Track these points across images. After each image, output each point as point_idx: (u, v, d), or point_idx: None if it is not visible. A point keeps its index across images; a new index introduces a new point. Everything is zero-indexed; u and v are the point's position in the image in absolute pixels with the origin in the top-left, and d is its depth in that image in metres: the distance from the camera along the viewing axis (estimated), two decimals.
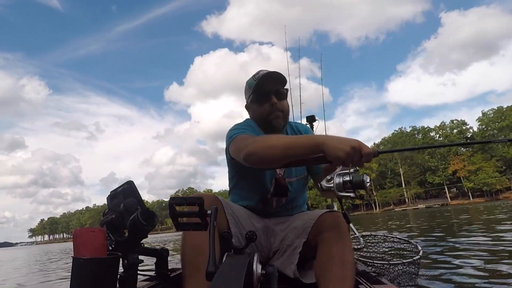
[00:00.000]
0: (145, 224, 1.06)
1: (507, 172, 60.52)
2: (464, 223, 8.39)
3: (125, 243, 1.05)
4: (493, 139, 0.98)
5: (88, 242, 1.01)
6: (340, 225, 1.06)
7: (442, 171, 63.19)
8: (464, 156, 62.74)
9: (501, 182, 58.27)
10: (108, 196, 1.15)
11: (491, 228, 6.04)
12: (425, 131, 71.51)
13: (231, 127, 1.30)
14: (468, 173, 60.10)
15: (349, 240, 1.08)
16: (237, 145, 1.14)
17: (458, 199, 63.43)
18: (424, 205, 60.42)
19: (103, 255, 1.01)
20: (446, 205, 57.92)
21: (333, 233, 1.06)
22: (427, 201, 66.25)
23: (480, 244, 4.04)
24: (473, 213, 14.02)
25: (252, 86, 1.31)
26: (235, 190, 1.40)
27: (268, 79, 1.27)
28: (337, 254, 1.02)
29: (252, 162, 1.05)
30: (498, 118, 63.23)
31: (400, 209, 58.61)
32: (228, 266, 0.69)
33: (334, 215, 1.11)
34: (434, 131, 70.99)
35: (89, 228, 1.03)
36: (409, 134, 71.81)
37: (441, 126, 70.32)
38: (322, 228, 1.09)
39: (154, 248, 1.14)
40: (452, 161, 62.75)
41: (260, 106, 1.30)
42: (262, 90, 1.28)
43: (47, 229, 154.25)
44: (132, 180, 1.13)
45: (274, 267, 0.72)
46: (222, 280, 0.65)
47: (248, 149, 1.04)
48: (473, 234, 5.31)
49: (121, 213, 1.10)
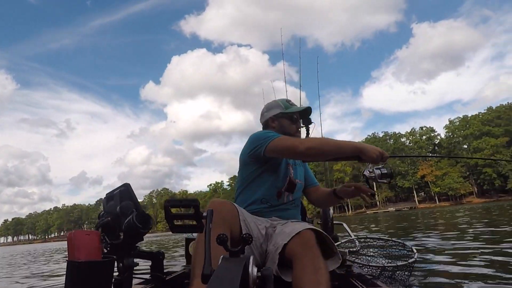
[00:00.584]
0: (140, 227, 1.06)
1: (470, 178, 63.97)
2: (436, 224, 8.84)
3: (120, 246, 1.05)
4: (498, 158, 1.08)
5: (82, 245, 1.00)
6: (307, 242, 1.17)
7: (411, 176, 65.77)
8: (432, 161, 65.75)
9: (465, 187, 61.61)
10: (104, 198, 1.14)
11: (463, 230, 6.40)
12: (396, 137, 74.37)
13: (261, 132, 1.56)
14: (435, 178, 63.02)
15: (318, 250, 1.16)
16: (286, 142, 1.42)
17: (426, 203, 66.33)
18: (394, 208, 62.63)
19: (98, 258, 1.01)
20: (414, 208, 60.39)
21: (302, 248, 1.16)
22: (397, 204, 68.72)
23: (456, 245, 4.28)
24: (440, 216, 14.76)
25: (287, 107, 1.69)
26: (251, 187, 1.55)
27: (303, 109, 1.72)
28: (307, 263, 1.11)
29: (311, 155, 1.38)
30: (463, 127, 66.84)
31: (371, 212, 60.42)
32: (223, 269, 0.69)
33: (302, 234, 1.21)
34: (405, 137, 74.00)
35: (84, 231, 1.02)
36: (382, 139, 74.31)
37: (411, 132, 73.45)
38: (293, 246, 1.19)
39: (150, 251, 1.14)
40: (420, 166, 65.57)
41: (291, 124, 1.68)
42: (296, 114, 1.70)
43: (11, 230, 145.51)
44: (128, 183, 1.13)
45: (270, 269, 0.71)
46: (218, 283, 0.65)
47: (308, 144, 1.36)
48: (453, 236, 5.58)
49: (116, 216, 1.10)
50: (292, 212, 1.57)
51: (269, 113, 1.71)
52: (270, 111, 1.71)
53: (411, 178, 65.63)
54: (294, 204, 1.60)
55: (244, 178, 1.57)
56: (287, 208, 1.56)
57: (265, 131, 1.58)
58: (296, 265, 1.14)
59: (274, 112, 1.70)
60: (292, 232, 1.23)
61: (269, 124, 1.70)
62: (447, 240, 5.03)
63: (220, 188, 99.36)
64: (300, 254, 1.15)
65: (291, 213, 1.57)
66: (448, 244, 4.41)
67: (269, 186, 1.52)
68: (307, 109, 1.75)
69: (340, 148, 1.37)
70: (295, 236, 1.21)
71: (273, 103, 1.74)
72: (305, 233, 1.21)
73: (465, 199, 62.42)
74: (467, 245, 4.18)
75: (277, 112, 1.69)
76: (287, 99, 1.76)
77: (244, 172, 1.58)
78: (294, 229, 1.25)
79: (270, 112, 1.71)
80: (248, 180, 1.55)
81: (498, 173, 59.16)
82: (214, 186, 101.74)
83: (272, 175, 1.53)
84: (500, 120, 62.39)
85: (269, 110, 1.72)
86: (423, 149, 69.14)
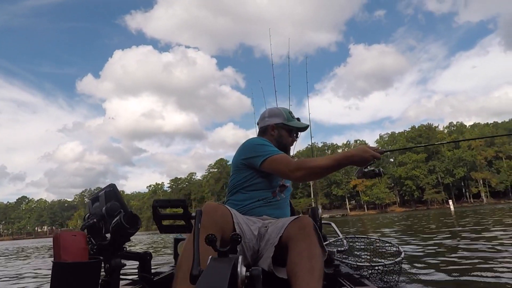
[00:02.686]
0: (128, 228, 1.06)
1: (394, 189, 70.93)
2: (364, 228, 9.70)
3: (107, 247, 1.04)
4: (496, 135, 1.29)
5: (69, 246, 0.97)
6: (305, 226, 1.21)
7: (345, 185, 70.84)
8: None
9: (390, 197, 68.19)
10: (89, 200, 1.11)
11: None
12: (334, 148, 79.51)
13: (258, 142, 1.59)
14: (365, 188, 68.63)
15: (315, 237, 1.20)
16: (280, 166, 1.47)
17: (356, 210, 71.82)
18: (328, 215, 66.40)
19: (85, 259, 0.98)
20: (346, 215, 64.92)
21: (299, 233, 1.20)
22: (331, 211, 73.05)
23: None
24: (367, 222, 16.14)
25: (289, 119, 1.73)
26: (246, 190, 1.58)
27: (303, 127, 1.76)
28: (304, 249, 1.14)
29: (301, 181, 1.48)
30: (391, 142, 74.25)
31: None
32: (212, 269, 0.69)
33: (303, 219, 1.26)
34: (341, 148, 79.35)
35: (70, 232, 0.99)
36: (320, 149, 78.85)
37: (346, 144, 79.22)
38: (291, 230, 1.23)
39: (137, 252, 1.13)
40: (353, 176, 70.88)
41: (288, 136, 1.73)
42: (295, 129, 1.75)
43: None
44: (114, 184, 1.12)
45: (259, 269, 0.72)
46: (206, 283, 0.65)
47: (298, 174, 1.42)
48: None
49: (102, 217, 1.08)
50: (283, 211, 1.62)
51: (271, 120, 1.72)
52: (272, 118, 1.72)
53: (345, 187, 70.61)
54: (286, 203, 1.66)
55: (238, 182, 1.59)
56: (280, 205, 1.60)
57: (263, 142, 1.59)
58: (292, 250, 1.15)
59: (276, 120, 1.71)
60: (286, 222, 1.25)
61: (268, 130, 1.72)
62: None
63: (160, 190, 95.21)
64: (297, 238, 1.17)
65: (283, 212, 1.61)
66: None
67: (263, 190, 1.56)
68: (306, 127, 1.78)
69: (328, 170, 1.42)
70: (293, 221, 1.24)
71: (277, 111, 1.75)
72: (303, 218, 1.25)
73: (389, 208, 68.96)
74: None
75: (279, 122, 1.71)
76: (289, 110, 1.78)
77: (238, 176, 1.61)
78: (289, 219, 1.28)
79: (273, 119, 1.72)
80: (242, 184, 1.58)
81: (417, 185, 66.68)
82: (154, 187, 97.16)
83: (265, 180, 1.58)
84: (421, 138, 70.45)
85: (271, 117, 1.73)
86: None
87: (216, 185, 78.63)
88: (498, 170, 65.32)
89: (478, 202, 63.16)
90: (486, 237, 5.15)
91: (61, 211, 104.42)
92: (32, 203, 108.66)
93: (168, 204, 0.99)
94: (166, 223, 1.02)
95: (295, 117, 1.79)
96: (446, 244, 4.75)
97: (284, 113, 1.75)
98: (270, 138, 1.69)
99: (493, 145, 66.07)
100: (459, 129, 73.98)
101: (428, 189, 65.85)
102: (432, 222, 11.70)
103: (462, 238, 5.36)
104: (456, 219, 12.27)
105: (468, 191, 67.08)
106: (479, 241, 4.72)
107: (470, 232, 6.24)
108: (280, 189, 1.63)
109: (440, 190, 66.06)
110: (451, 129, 75.05)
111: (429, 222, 11.48)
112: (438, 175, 66.66)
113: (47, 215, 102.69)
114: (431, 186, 66.16)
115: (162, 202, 0.98)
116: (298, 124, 1.75)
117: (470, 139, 5.33)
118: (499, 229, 6.44)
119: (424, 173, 66.45)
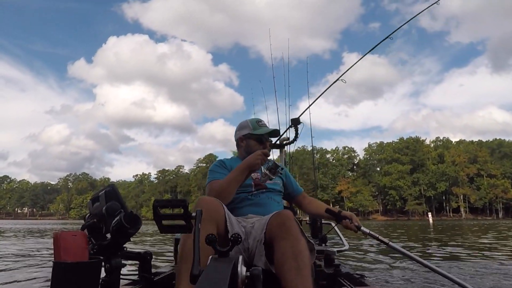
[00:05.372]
0: (128, 227, 1.07)
1: (378, 197, 72.03)
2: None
3: (107, 247, 1.05)
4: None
5: (69, 246, 0.99)
6: (284, 221, 1.22)
7: (331, 190, 71.49)
8: (350, 179, 72.48)
9: (373, 205, 69.24)
10: (89, 200, 1.12)
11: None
12: (323, 152, 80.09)
13: (211, 167, 1.71)
14: (350, 194, 69.49)
15: (297, 230, 1.18)
16: (208, 190, 1.61)
17: None
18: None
19: (85, 259, 1.00)
20: None
21: (280, 230, 1.21)
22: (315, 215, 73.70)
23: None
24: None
25: (255, 128, 1.77)
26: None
27: (269, 132, 1.78)
28: (287, 248, 1.15)
29: (218, 198, 1.43)
30: (379, 151, 75.38)
31: None
32: (212, 269, 0.70)
33: (281, 213, 1.27)
34: (329, 153, 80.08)
35: (70, 232, 1.00)
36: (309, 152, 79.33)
37: (334, 150, 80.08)
38: (272, 227, 1.25)
39: (137, 252, 1.14)
40: (339, 182, 71.67)
41: (257, 145, 1.76)
42: (264, 137, 1.77)
43: None
44: (114, 183, 1.13)
45: (259, 269, 0.72)
46: (207, 283, 0.65)
47: (212, 193, 1.50)
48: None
49: (102, 217, 1.10)
50: (267, 209, 1.57)
51: (240, 133, 1.81)
52: (240, 131, 1.81)
53: (330, 192, 71.26)
54: (270, 201, 1.64)
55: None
56: (261, 203, 1.61)
57: (213, 168, 1.71)
58: (276, 251, 1.16)
59: (244, 132, 1.79)
60: (268, 217, 1.26)
61: (239, 143, 1.82)
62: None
63: (147, 180, 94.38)
64: (278, 236, 1.17)
65: (266, 209, 1.56)
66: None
67: (240, 192, 1.60)
68: (274, 131, 1.82)
69: (234, 182, 1.49)
70: (272, 216, 1.24)
71: (244, 123, 1.83)
72: (282, 212, 1.25)
73: (372, 215, 70.02)
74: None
75: (246, 133, 1.78)
76: (258, 119, 1.82)
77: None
78: (270, 214, 1.30)
79: (241, 131, 1.81)
80: None
81: (400, 196, 67.88)
82: (141, 177, 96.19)
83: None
84: (407, 150, 71.71)
85: (240, 130, 1.82)
86: (343, 167, 75.79)
87: (203, 180, 78.13)
88: (479, 187, 67.09)
89: (457, 217, 64.93)
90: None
91: (43, 193, 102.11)
92: (14, 183, 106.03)
93: (168, 204, 1.00)
94: (166, 223, 1.04)
95: (264, 125, 1.81)
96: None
97: (250, 123, 1.80)
98: (240, 149, 1.81)
99: (475, 162, 67.81)
100: (445, 144, 75.56)
101: (410, 200, 67.12)
102: (411, 234, 12.00)
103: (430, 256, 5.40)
104: (434, 231, 12.58)
105: (448, 205, 68.67)
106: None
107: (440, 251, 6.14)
108: (257, 188, 1.66)
109: (422, 202, 67.44)
110: (437, 144, 76.57)
111: (409, 234, 11.75)
112: (421, 187, 68.02)
113: (29, 197, 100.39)
114: (413, 197, 67.44)
115: (162, 202, 0.99)
116: (264, 130, 1.77)
117: None
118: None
119: (408, 184, 67.70)
